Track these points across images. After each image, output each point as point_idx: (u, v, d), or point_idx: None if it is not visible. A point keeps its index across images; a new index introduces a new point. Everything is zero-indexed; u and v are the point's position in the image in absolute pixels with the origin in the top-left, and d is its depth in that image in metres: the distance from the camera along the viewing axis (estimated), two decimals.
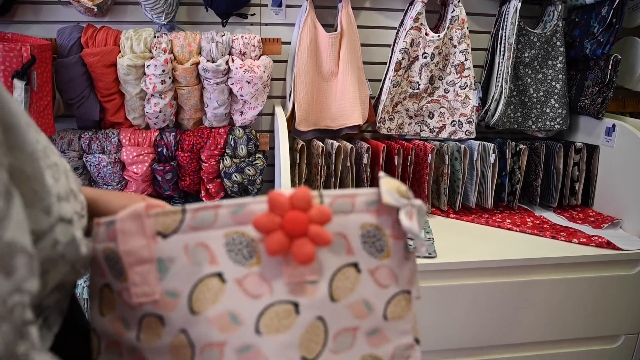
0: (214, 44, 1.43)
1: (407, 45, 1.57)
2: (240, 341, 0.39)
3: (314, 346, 0.40)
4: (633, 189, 1.50)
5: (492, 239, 1.42)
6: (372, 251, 0.43)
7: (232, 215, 0.41)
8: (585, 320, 1.40)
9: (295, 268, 0.40)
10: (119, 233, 0.41)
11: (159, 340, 0.40)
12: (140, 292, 0.40)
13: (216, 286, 0.40)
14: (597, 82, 1.63)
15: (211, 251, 0.41)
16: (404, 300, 0.45)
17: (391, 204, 0.42)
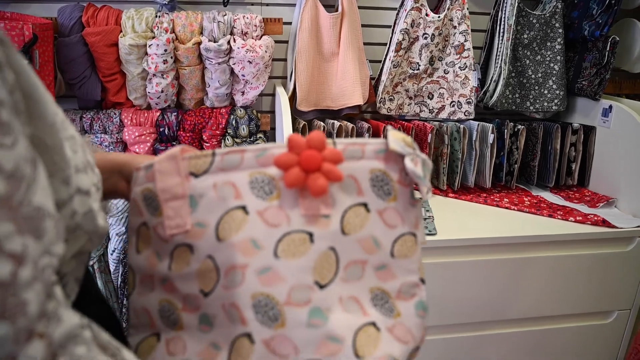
0: (216, 23, 1.43)
1: (407, 26, 1.58)
2: (260, 263, 0.43)
3: (326, 273, 0.44)
4: (628, 170, 1.53)
5: (491, 218, 1.45)
6: (380, 194, 0.47)
7: (256, 159, 0.46)
8: (581, 296, 1.44)
9: (311, 201, 0.45)
10: (156, 173, 0.46)
11: (188, 267, 0.45)
12: (174, 224, 0.45)
13: (240, 217, 0.44)
14: (595, 63, 1.64)
15: (237, 188, 0.45)
16: (410, 241, 0.48)
17: (397, 150, 0.46)
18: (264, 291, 0.42)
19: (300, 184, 0.44)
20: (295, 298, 0.42)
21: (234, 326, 0.44)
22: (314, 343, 0.42)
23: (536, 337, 1.45)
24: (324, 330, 0.42)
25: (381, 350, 0.44)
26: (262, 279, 0.43)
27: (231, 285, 0.43)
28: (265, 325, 0.42)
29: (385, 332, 0.45)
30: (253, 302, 0.42)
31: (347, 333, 0.43)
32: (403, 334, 0.46)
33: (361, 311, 0.45)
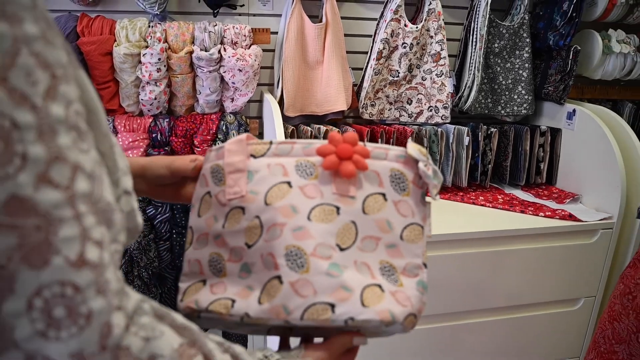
0: (207, 33, 1.50)
1: (387, 36, 1.68)
2: (295, 223, 0.54)
3: (346, 240, 0.55)
4: (591, 168, 1.67)
5: (467, 214, 1.56)
6: (397, 189, 0.58)
7: (303, 149, 0.58)
8: (551, 285, 1.55)
9: (342, 183, 0.56)
10: (226, 151, 0.59)
11: (238, 225, 0.56)
12: (232, 191, 0.57)
13: (285, 189, 0.56)
14: (560, 70, 1.78)
15: (285, 169, 0.57)
16: (417, 230, 0.58)
17: (413, 156, 0.57)
18: (295, 244, 0.53)
19: (334, 167, 0.55)
20: (320, 252, 0.53)
21: (268, 271, 0.54)
22: (330, 289, 0.52)
23: (511, 324, 1.56)
24: (339, 280, 0.52)
25: (383, 306, 0.52)
26: (295, 235, 0.53)
27: (270, 239, 0.54)
28: (293, 270, 0.52)
29: (389, 294, 0.54)
30: (286, 252, 0.53)
31: (357, 286, 0.53)
32: (403, 299, 0.55)
33: (370, 275, 0.55)
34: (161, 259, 1.61)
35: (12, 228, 0.28)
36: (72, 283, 0.30)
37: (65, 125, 0.31)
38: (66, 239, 0.30)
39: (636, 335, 1.02)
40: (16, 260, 0.28)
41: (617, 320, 1.07)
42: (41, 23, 0.30)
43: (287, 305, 0.52)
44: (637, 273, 1.05)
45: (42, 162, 0.29)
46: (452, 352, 1.54)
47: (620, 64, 1.80)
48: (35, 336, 0.29)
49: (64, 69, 0.32)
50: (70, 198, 0.30)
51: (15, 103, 0.28)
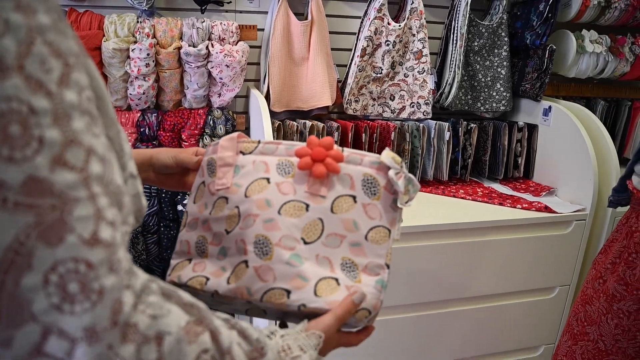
0: (195, 29, 1.53)
1: (371, 34, 1.72)
2: (267, 215, 0.60)
3: (311, 235, 0.60)
4: (566, 162, 1.74)
5: (448, 207, 1.61)
6: (367, 192, 0.61)
7: (286, 150, 0.64)
8: (528, 275, 1.62)
9: (314, 184, 0.61)
10: (219, 147, 0.65)
11: (221, 213, 0.62)
12: (220, 183, 0.64)
13: (264, 184, 0.62)
14: (536, 68, 1.85)
15: (267, 166, 0.63)
16: (383, 232, 0.61)
17: (386, 163, 0.61)
18: (264, 233, 0.59)
19: (308, 167, 0.61)
20: (284, 243, 0.58)
21: (239, 255, 0.60)
22: (288, 277, 0.57)
23: (490, 313, 1.63)
24: (297, 270, 0.57)
25: (335, 297, 0.56)
26: (265, 225, 0.59)
27: (244, 227, 0.60)
28: (258, 257, 0.58)
29: (344, 287, 0.58)
30: (255, 239, 0.59)
31: (314, 277, 0.58)
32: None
33: (330, 268, 0.59)
34: (149, 252, 1.64)
35: (30, 207, 0.29)
36: (86, 260, 0.31)
37: (79, 110, 0.33)
38: (81, 218, 0.31)
39: (606, 317, 1.09)
40: (33, 237, 0.29)
41: (588, 303, 1.14)
42: (53, 14, 0.32)
43: (250, 287, 0.58)
44: (607, 258, 1.12)
45: (58, 145, 0.31)
46: (432, 340, 1.59)
47: (593, 63, 1.88)
48: (51, 309, 0.30)
49: (75, 58, 0.34)
50: (85, 179, 0.32)
51: (32, 89, 0.30)
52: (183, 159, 0.71)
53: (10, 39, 0.29)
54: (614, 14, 1.82)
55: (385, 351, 1.55)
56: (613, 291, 1.07)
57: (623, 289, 1.05)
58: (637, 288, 1.03)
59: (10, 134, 0.29)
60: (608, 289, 1.08)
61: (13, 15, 0.29)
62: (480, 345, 1.67)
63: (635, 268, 1.04)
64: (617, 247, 1.09)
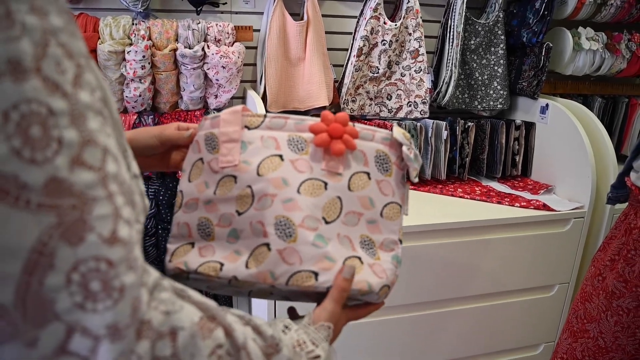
0: (191, 31, 1.53)
1: (367, 33, 1.72)
2: (286, 195, 0.57)
3: (331, 214, 0.59)
4: (564, 160, 1.74)
5: (446, 206, 1.61)
6: (380, 169, 0.62)
7: (295, 125, 0.61)
8: (527, 273, 1.62)
9: (330, 160, 0.60)
10: (221, 121, 0.61)
11: (230, 193, 0.59)
12: (226, 160, 0.60)
13: (277, 161, 0.59)
14: (533, 66, 1.85)
15: (277, 142, 0.60)
16: (396, 209, 0.62)
17: (398, 139, 0.61)
18: (285, 214, 0.56)
19: (325, 144, 0.59)
20: (307, 224, 0.56)
21: (257, 238, 0.57)
22: (314, 258, 0.56)
23: (489, 311, 1.62)
24: (323, 251, 0.56)
25: (361, 276, 0.57)
26: (285, 206, 0.57)
27: (261, 208, 0.57)
28: (281, 239, 0.56)
29: (367, 266, 0.59)
30: (275, 221, 0.56)
31: (339, 257, 0.57)
32: (379, 271, 0.59)
33: (351, 247, 0.59)
34: (147, 254, 1.63)
35: (52, 208, 0.30)
36: (106, 258, 0.31)
37: (93, 110, 0.33)
38: (100, 217, 0.32)
39: (605, 314, 1.08)
40: (55, 237, 0.30)
41: (588, 300, 1.14)
42: (64, 15, 0.32)
43: (274, 271, 0.56)
44: (606, 255, 1.12)
45: (76, 146, 0.31)
46: (431, 340, 1.59)
47: (589, 60, 1.88)
48: (74, 308, 0.30)
49: (86, 59, 0.34)
50: (103, 179, 0.32)
51: (50, 91, 0.30)
52: (169, 136, 0.67)
53: (27, 42, 0.29)
54: (610, 11, 1.82)
55: (385, 351, 1.54)
56: (612, 288, 1.07)
57: (622, 286, 1.05)
58: (636, 285, 1.03)
59: (31, 135, 0.29)
60: (607, 286, 1.08)
61: (29, 18, 0.29)
62: (479, 344, 1.67)
63: (634, 265, 1.03)
64: (616, 244, 1.09)
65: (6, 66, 0.28)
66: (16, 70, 0.28)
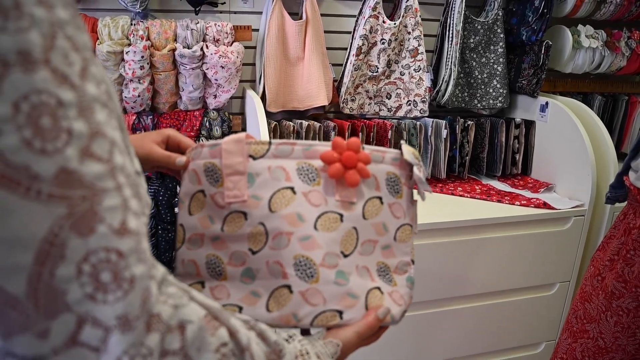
0: (189, 31, 1.52)
1: (366, 32, 1.72)
2: (303, 233, 0.55)
3: (349, 247, 0.57)
4: (563, 158, 1.73)
5: (447, 205, 1.61)
6: (391, 192, 0.60)
7: (303, 151, 0.58)
8: (527, 271, 1.62)
9: (344, 190, 0.57)
10: (223, 151, 0.57)
11: (240, 230, 0.56)
12: (232, 194, 0.56)
13: (289, 195, 0.56)
14: (532, 65, 1.84)
15: (287, 172, 0.57)
16: (408, 230, 0.62)
17: (409, 160, 0.60)
18: (304, 254, 0.54)
19: (340, 175, 0.56)
20: (327, 261, 0.54)
21: (275, 279, 0.55)
22: (338, 297, 0.54)
23: (490, 310, 1.62)
24: (345, 288, 0.54)
25: (384, 308, 0.56)
26: (303, 244, 0.54)
27: (277, 247, 0.54)
28: (303, 280, 0.54)
29: (387, 295, 0.58)
30: (295, 261, 0.54)
31: (361, 292, 0.55)
32: (398, 298, 0.59)
33: (370, 278, 0.58)
34: None
35: (63, 198, 0.30)
36: (116, 249, 0.32)
37: (99, 103, 0.33)
38: (110, 208, 0.32)
39: (605, 314, 1.08)
40: (66, 228, 0.30)
41: (587, 300, 1.13)
42: (69, 9, 0.32)
43: (297, 313, 0.54)
44: (605, 255, 1.11)
45: (85, 137, 0.31)
46: (432, 339, 1.59)
47: (589, 58, 1.87)
48: (85, 299, 0.31)
49: (91, 52, 0.34)
50: (112, 170, 0.33)
51: (58, 82, 0.30)
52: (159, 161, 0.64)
53: (36, 33, 0.29)
54: (609, 9, 1.82)
55: (385, 350, 1.55)
56: (612, 288, 1.07)
57: (622, 286, 1.05)
58: (636, 285, 1.02)
59: (42, 126, 0.29)
60: (607, 286, 1.08)
61: (37, 10, 0.29)
62: (480, 343, 1.67)
63: (634, 265, 1.03)
64: (615, 243, 1.09)
65: (16, 57, 0.28)
66: (26, 61, 0.28)
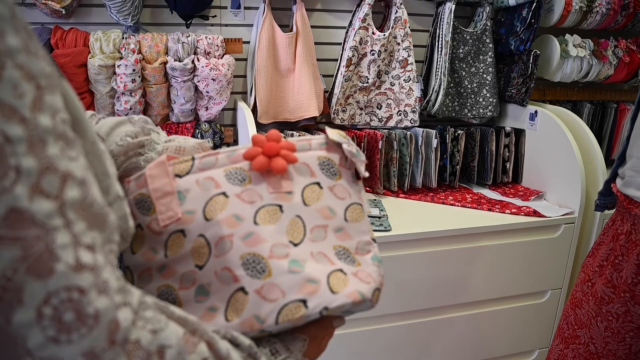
0: (180, 44, 1.54)
1: (356, 44, 1.74)
2: (243, 231, 0.53)
3: (297, 235, 0.55)
4: (553, 166, 1.75)
5: (438, 214, 1.62)
6: (328, 175, 0.59)
7: (227, 158, 0.57)
8: (519, 279, 1.62)
9: (276, 182, 0.56)
10: (148, 177, 0.56)
11: (182, 249, 0.54)
12: (166, 216, 0.54)
13: (222, 200, 0.55)
14: (521, 74, 1.86)
15: (215, 181, 0.56)
16: (358, 209, 0.60)
17: (335, 140, 0.59)
18: (250, 251, 0.52)
19: (265, 166, 0.55)
20: (277, 252, 0.53)
21: (228, 286, 0.53)
22: (296, 286, 0.51)
23: (483, 319, 1.63)
24: (302, 275, 0.52)
25: (350, 287, 0.54)
26: (247, 242, 0.52)
27: (221, 253, 0.53)
28: (255, 278, 0.51)
29: (351, 275, 0.55)
30: (242, 261, 0.52)
31: (322, 276, 0.53)
32: (365, 276, 0.57)
33: (329, 262, 0.56)
34: None
35: (15, 240, 0.28)
36: (77, 286, 0.31)
37: (53, 134, 0.32)
38: (62, 246, 0.31)
39: (595, 320, 1.09)
40: (22, 271, 0.28)
41: (578, 306, 1.14)
42: (22, 34, 0.31)
43: (259, 314, 0.51)
44: (594, 261, 1.12)
45: (35, 174, 0.30)
46: (425, 347, 1.59)
47: (577, 67, 1.89)
48: (47, 343, 0.29)
49: (48, 79, 0.32)
50: (60, 207, 0.31)
51: (6, 117, 0.28)
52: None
53: None
54: (595, 18, 1.85)
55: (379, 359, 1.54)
56: (601, 294, 1.07)
57: (611, 292, 1.06)
58: (624, 290, 1.03)
59: None
60: (597, 291, 1.09)
61: None
62: (473, 351, 1.67)
63: (622, 270, 1.04)
64: (604, 250, 1.10)
65: None
66: None
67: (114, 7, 1.50)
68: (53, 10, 1.47)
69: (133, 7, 1.51)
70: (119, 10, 1.50)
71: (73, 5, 1.51)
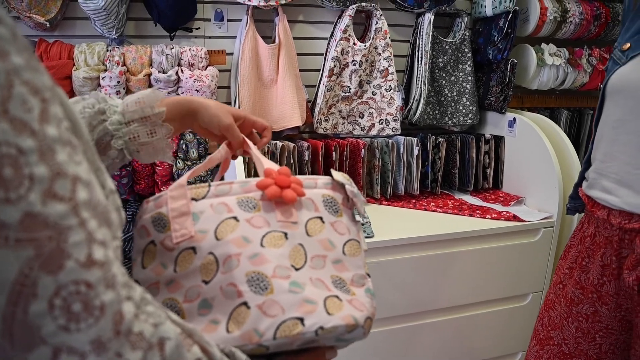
0: (164, 56, 1.56)
1: (338, 54, 1.77)
2: (250, 252, 0.58)
3: (298, 260, 0.60)
4: (532, 172, 1.79)
5: (420, 220, 1.65)
6: (330, 211, 0.65)
7: (241, 187, 0.63)
8: (500, 283, 1.66)
9: (284, 212, 0.62)
10: (169, 198, 0.61)
11: (192, 265, 0.58)
12: (180, 234, 0.59)
13: (232, 223, 0.60)
14: (500, 82, 1.91)
15: (228, 206, 0.61)
16: (356, 245, 0.66)
17: (339, 180, 0.65)
18: (255, 269, 0.56)
19: (277, 195, 0.61)
20: (279, 273, 0.57)
21: (232, 300, 0.56)
22: (295, 304, 0.55)
23: (465, 323, 1.65)
24: (301, 296, 0.56)
25: (345, 312, 0.57)
26: (252, 261, 0.57)
27: (228, 270, 0.57)
28: (257, 294, 0.55)
29: (346, 302, 0.60)
30: (247, 278, 0.56)
31: (319, 298, 0.57)
32: (359, 305, 0.61)
33: (326, 288, 0.60)
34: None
35: (30, 241, 0.32)
36: (85, 281, 0.34)
37: (60, 143, 0.35)
38: (75, 244, 0.34)
39: (567, 321, 1.12)
40: (36, 268, 0.32)
41: (551, 308, 1.17)
42: (24, 52, 0.34)
43: (258, 328, 0.54)
44: (565, 263, 1.16)
45: (47, 180, 0.33)
46: (407, 353, 1.61)
47: (553, 75, 1.95)
48: (59, 330, 0.33)
49: (50, 91, 0.35)
50: (74, 207, 0.34)
51: (18, 131, 0.31)
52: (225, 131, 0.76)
53: None
54: (570, 28, 1.90)
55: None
56: (571, 295, 1.11)
57: (580, 293, 1.09)
58: (592, 291, 1.07)
59: (4, 177, 0.31)
60: (567, 293, 1.12)
61: None
62: (457, 355, 1.69)
63: (589, 272, 1.07)
64: (573, 252, 1.13)
65: None
66: None
67: (99, 20, 1.52)
68: (37, 23, 1.49)
69: (117, 19, 1.54)
70: (103, 23, 1.53)
71: (57, 18, 1.53)
